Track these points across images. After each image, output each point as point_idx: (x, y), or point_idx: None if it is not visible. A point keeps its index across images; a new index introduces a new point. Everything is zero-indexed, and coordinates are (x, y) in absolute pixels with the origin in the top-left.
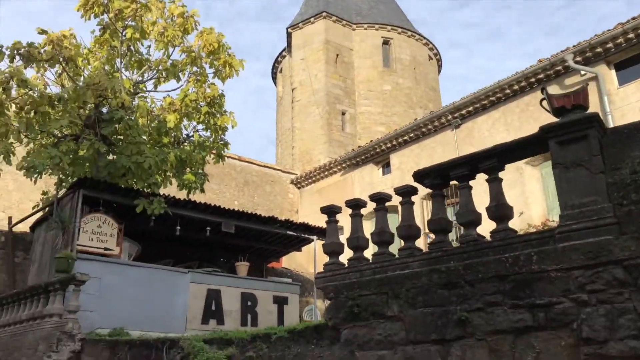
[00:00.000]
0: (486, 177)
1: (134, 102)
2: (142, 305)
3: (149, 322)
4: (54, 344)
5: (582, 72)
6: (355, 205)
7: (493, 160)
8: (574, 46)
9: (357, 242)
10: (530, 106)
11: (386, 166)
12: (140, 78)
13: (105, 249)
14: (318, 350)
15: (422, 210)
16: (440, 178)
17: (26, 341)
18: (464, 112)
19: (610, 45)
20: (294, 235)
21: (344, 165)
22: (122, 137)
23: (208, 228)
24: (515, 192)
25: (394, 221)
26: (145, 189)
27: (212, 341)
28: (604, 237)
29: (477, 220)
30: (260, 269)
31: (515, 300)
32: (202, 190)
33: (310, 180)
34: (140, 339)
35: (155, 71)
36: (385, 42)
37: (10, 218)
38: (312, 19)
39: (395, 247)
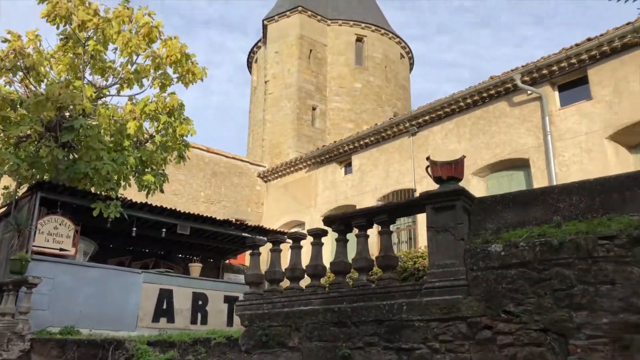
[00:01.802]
0: (379, 228)
1: (96, 105)
2: (95, 304)
3: (102, 320)
4: (4, 343)
5: (529, 92)
6: (275, 241)
7: (384, 216)
8: (522, 66)
9: (274, 276)
10: (481, 120)
11: (348, 166)
12: (105, 82)
13: (61, 249)
14: (249, 358)
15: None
16: (344, 225)
17: None
18: (420, 120)
19: (555, 68)
20: (249, 236)
21: (309, 162)
22: (82, 142)
23: (164, 229)
24: None
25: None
26: (102, 193)
27: (156, 343)
28: (456, 296)
29: (369, 267)
30: (217, 266)
31: (387, 342)
32: (162, 191)
33: (276, 175)
34: (88, 338)
35: (118, 78)
36: (359, 40)
37: None
38: (287, 13)
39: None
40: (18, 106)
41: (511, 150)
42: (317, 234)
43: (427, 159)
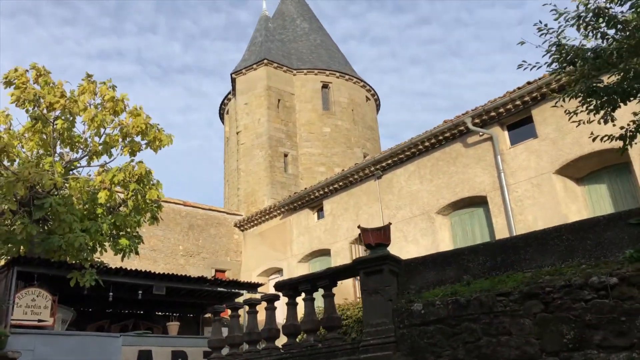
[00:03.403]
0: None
1: (67, 179)
2: None
3: None
4: None
5: (480, 133)
6: (233, 307)
7: (326, 280)
8: (472, 110)
9: (233, 340)
10: (440, 161)
11: (320, 211)
12: (75, 155)
13: (39, 320)
14: None
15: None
16: (292, 290)
17: None
18: (384, 164)
19: (501, 110)
20: (225, 290)
21: (282, 209)
22: (55, 216)
23: (140, 291)
24: (427, 241)
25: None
26: (77, 262)
27: None
28: (387, 352)
29: (316, 328)
30: (197, 321)
31: None
32: (137, 253)
33: (253, 223)
34: None
35: (87, 150)
36: (325, 86)
37: None
38: (254, 66)
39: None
40: None
41: (469, 188)
42: (270, 299)
43: (359, 227)
